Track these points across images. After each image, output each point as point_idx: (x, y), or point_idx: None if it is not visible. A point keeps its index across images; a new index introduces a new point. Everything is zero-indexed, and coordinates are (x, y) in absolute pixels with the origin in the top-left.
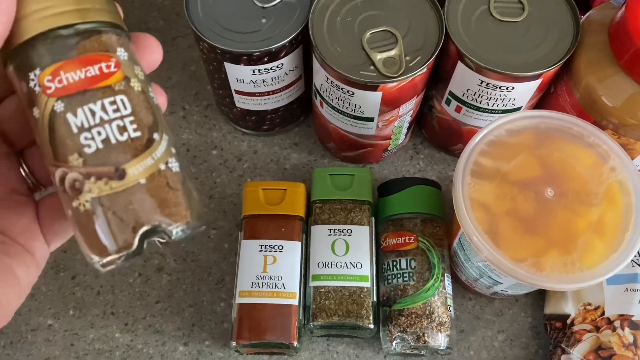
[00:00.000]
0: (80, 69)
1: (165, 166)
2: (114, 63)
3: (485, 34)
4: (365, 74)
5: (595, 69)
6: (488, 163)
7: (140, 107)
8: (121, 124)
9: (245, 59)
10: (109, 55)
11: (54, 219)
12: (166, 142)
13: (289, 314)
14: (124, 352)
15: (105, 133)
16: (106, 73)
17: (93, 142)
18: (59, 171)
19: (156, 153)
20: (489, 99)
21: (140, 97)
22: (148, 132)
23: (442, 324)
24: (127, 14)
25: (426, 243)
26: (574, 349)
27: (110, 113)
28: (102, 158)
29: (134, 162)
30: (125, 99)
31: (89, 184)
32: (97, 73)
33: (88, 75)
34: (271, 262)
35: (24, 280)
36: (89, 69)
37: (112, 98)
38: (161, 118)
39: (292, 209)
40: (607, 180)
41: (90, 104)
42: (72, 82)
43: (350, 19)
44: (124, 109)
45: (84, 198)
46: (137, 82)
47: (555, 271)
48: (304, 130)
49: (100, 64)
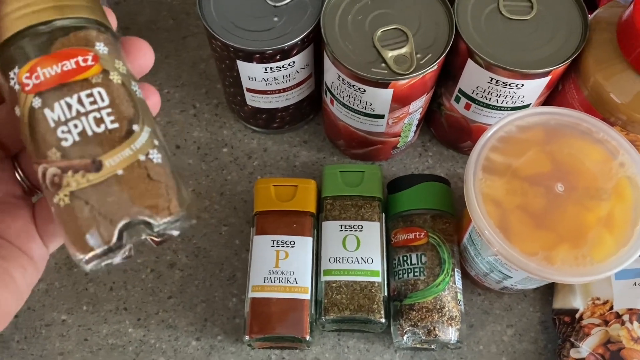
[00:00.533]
0: (57, 63)
1: (146, 157)
2: (92, 57)
3: (495, 32)
4: (376, 71)
5: (604, 66)
6: (499, 159)
7: (119, 99)
8: (98, 115)
9: (258, 57)
10: (87, 50)
11: (49, 220)
12: (147, 133)
13: (301, 308)
14: (137, 347)
15: (82, 125)
16: (83, 67)
17: (70, 135)
18: (41, 167)
19: (135, 144)
20: (498, 96)
21: (119, 89)
22: (127, 124)
23: (453, 318)
24: (137, 13)
25: (436, 239)
26: (583, 342)
27: (87, 105)
28: (79, 151)
29: (111, 153)
30: (102, 91)
31: (67, 178)
32: (74, 67)
33: (64, 70)
34: (283, 257)
35: (22, 283)
36: (65, 63)
37: (88, 91)
38: (144, 110)
39: (304, 205)
40: (616, 175)
41: (67, 98)
42: (48, 77)
43: (361, 17)
44: (101, 101)
45: (63, 192)
46: (117, 75)
47: (566, 265)
48: (313, 128)
49: (77, 58)
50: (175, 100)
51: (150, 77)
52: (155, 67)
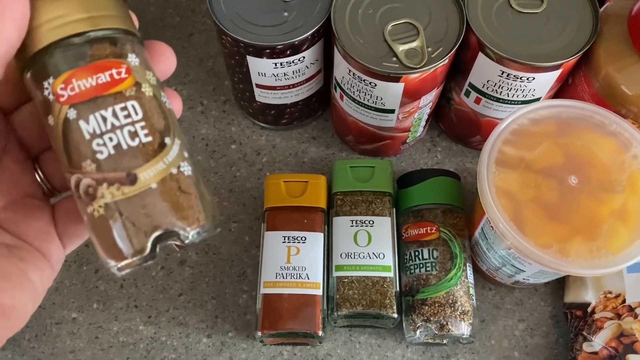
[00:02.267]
0: (92, 76)
1: (177, 170)
2: (125, 69)
3: (506, 25)
4: (387, 65)
5: (615, 59)
6: (512, 152)
7: (151, 112)
8: (132, 129)
9: (268, 52)
10: (120, 62)
11: (70, 222)
12: (178, 146)
13: (313, 304)
14: (148, 345)
15: (117, 139)
16: (117, 79)
17: (105, 148)
18: (74, 177)
19: (168, 157)
20: (509, 90)
21: (151, 102)
22: (159, 137)
23: (465, 312)
24: (143, 11)
25: (448, 233)
26: (595, 336)
27: (122, 119)
28: (114, 163)
29: (146, 167)
30: (136, 105)
31: (102, 190)
32: (108, 80)
33: (99, 82)
34: (294, 253)
35: (39, 285)
36: (100, 76)
37: (123, 104)
38: (174, 122)
39: (314, 200)
40: (629, 167)
41: (102, 111)
42: (83, 89)
43: (371, 11)
44: (135, 114)
45: (97, 203)
46: (149, 87)
47: (581, 257)
48: (321, 124)
49: (111, 71)
50: (183, 97)
51: None
52: None
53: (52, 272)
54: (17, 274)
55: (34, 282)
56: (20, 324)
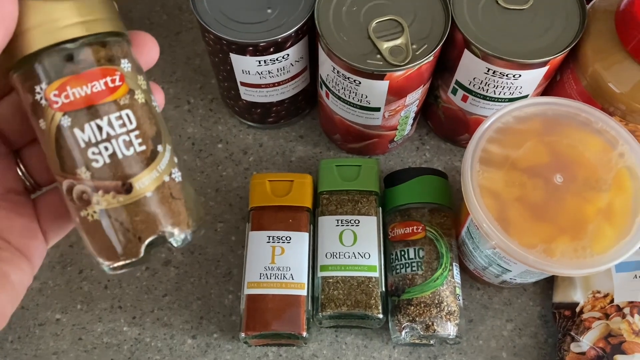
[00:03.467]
0: (87, 84)
1: (169, 177)
2: (119, 76)
3: (492, 22)
4: (371, 62)
5: (603, 56)
6: (496, 150)
7: (144, 119)
8: (127, 138)
9: (251, 50)
10: (114, 69)
11: (53, 216)
12: (169, 152)
13: (297, 305)
14: (132, 346)
15: (112, 148)
16: (112, 87)
17: (100, 157)
18: (67, 182)
19: (160, 165)
20: (495, 87)
21: (143, 109)
22: (152, 145)
23: (451, 313)
24: (131, 9)
25: (434, 232)
26: (583, 336)
27: (117, 128)
28: (110, 172)
29: (141, 176)
30: (130, 114)
31: (96, 197)
32: (103, 88)
33: (94, 91)
34: (279, 253)
35: (19, 286)
36: (95, 84)
37: (118, 113)
38: (163, 127)
39: (300, 200)
40: (615, 166)
41: (97, 120)
42: (78, 97)
43: (356, 8)
44: (129, 123)
45: (92, 209)
46: (141, 93)
47: (566, 257)
48: (309, 122)
49: (105, 79)
50: (170, 95)
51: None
52: None
53: (32, 270)
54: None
55: (14, 283)
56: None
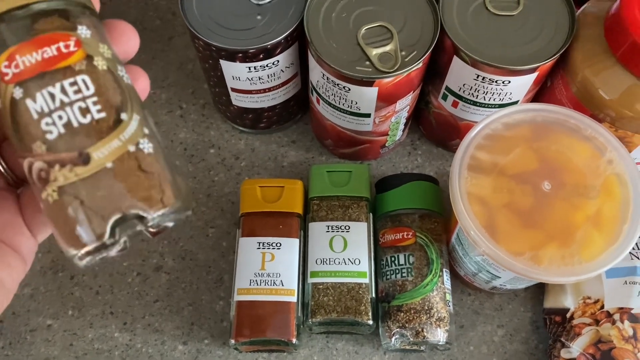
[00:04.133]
0: (37, 50)
1: (136, 147)
2: (74, 42)
3: (481, 28)
4: (360, 69)
5: (592, 62)
6: (485, 157)
7: (105, 87)
8: (83, 105)
9: (241, 56)
10: (68, 34)
11: (37, 209)
12: (137, 122)
13: (287, 311)
14: (123, 352)
15: (67, 116)
16: (65, 53)
17: (54, 127)
18: (26, 161)
19: (124, 134)
20: (485, 94)
21: (105, 76)
22: (115, 113)
23: (441, 319)
24: (123, 13)
25: (424, 238)
26: (573, 342)
27: (71, 95)
28: (66, 143)
29: (99, 144)
30: (87, 79)
31: (54, 173)
32: (55, 53)
33: (45, 57)
34: (269, 259)
35: (9, 281)
36: (46, 50)
37: (72, 79)
38: (132, 98)
39: (290, 206)
40: (604, 172)
41: (49, 87)
42: (28, 65)
43: (345, 14)
44: (86, 89)
45: (51, 188)
46: (102, 60)
47: (554, 264)
48: (301, 127)
49: (58, 44)
50: (162, 101)
51: None
52: (142, 67)
53: (24, 265)
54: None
55: (4, 280)
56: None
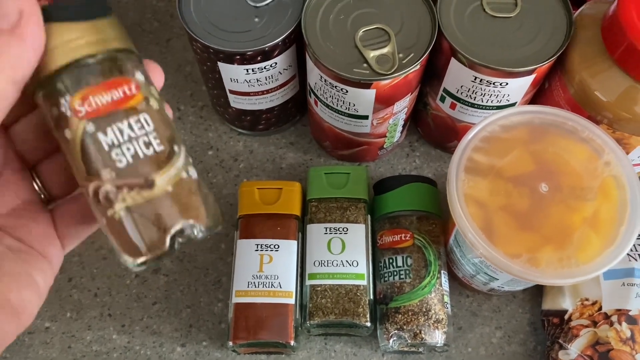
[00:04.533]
0: (107, 92)
1: (187, 174)
2: (135, 86)
3: (478, 30)
4: (358, 71)
5: (589, 64)
6: (482, 159)
7: (159, 123)
8: (147, 139)
9: (239, 59)
10: (129, 79)
11: (69, 224)
12: (184, 152)
13: (285, 313)
14: (121, 354)
15: (134, 148)
16: (129, 95)
17: (124, 157)
18: (92, 185)
19: (178, 163)
20: (483, 95)
21: (158, 114)
22: (169, 145)
23: (439, 321)
24: (122, 16)
25: (422, 240)
26: (571, 344)
27: (137, 130)
28: (133, 171)
29: (161, 172)
30: (147, 117)
31: (122, 195)
32: (122, 96)
33: (114, 98)
34: (267, 261)
35: (42, 285)
36: (114, 92)
37: (136, 117)
38: (177, 131)
39: (288, 208)
40: (601, 174)
41: (118, 124)
42: (100, 105)
43: (343, 16)
44: (147, 126)
45: (118, 207)
46: (154, 100)
47: (551, 267)
48: (299, 129)
49: (123, 88)
50: None
51: None
52: None
53: (53, 272)
54: (24, 275)
55: (38, 282)
56: (28, 322)
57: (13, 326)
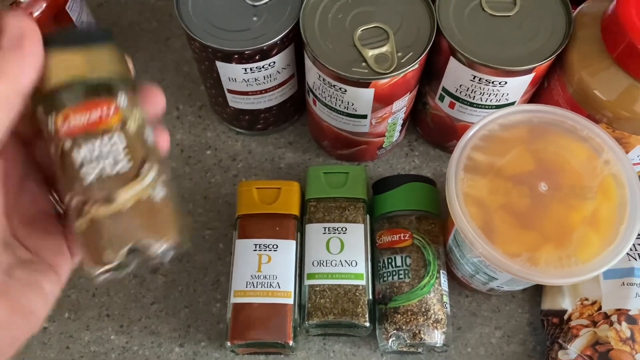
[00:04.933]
0: (85, 113)
1: (152, 193)
2: (113, 108)
3: (477, 29)
4: (356, 70)
5: (588, 63)
6: (481, 158)
7: (133, 144)
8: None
9: (237, 58)
10: (110, 101)
11: None
12: (154, 172)
13: (284, 313)
14: (119, 354)
15: (102, 165)
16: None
17: (92, 173)
18: (68, 196)
19: (144, 182)
20: (482, 94)
21: (134, 136)
22: (138, 165)
23: (438, 321)
24: (120, 15)
25: (421, 240)
26: (571, 344)
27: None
28: (99, 186)
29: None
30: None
31: (87, 208)
32: (98, 117)
33: (91, 119)
34: (266, 261)
35: (50, 295)
36: (93, 114)
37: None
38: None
39: (287, 207)
40: (601, 173)
41: (91, 142)
42: (78, 124)
43: (341, 15)
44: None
45: (83, 219)
46: (134, 123)
47: (550, 266)
48: (298, 129)
49: (102, 109)
50: None
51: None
52: (139, 68)
53: (61, 284)
54: (35, 283)
55: (47, 291)
56: (36, 327)
57: (23, 331)
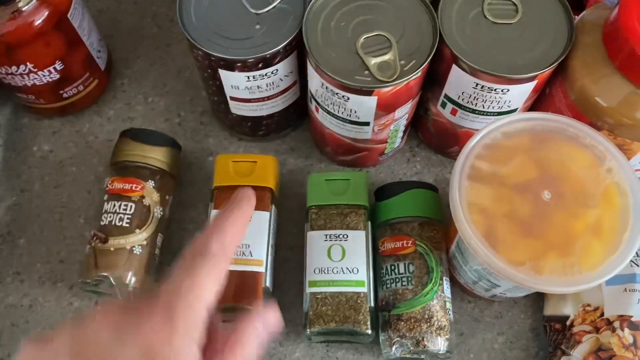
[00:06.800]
0: (123, 183)
1: (131, 247)
2: (141, 186)
3: (480, 37)
4: (359, 78)
5: (590, 70)
6: (484, 166)
7: (140, 212)
8: (123, 216)
9: (240, 66)
10: (141, 182)
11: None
12: (143, 235)
13: (255, 281)
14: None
15: (114, 218)
16: (131, 189)
17: (106, 220)
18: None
19: (132, 239)
20: (484, 102)
21: (144, 207)
22: (135, 227)
23: (442, 328)
24: (121, 20)
25: (424, 247)
26: (574, 350)
27: (121, 210)
28: (104, 230)
29: (116, 238)
30: (133, 206)
31: (92, 241)
32: (128, 187)
33: (124, 188)
34: None
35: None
36: (126, 185)
37: (127, 203)
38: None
39: (262, 180)
40: (604, 181)
41: (115, 201)
42: (115, 188)
43: (344, 23)
44: (130, 210)
45: (89, 246)
46: (150, 201)
47: (554, 274)
48: (300, 135)
49: (133, 184)
50: (160, 108)
51: (135, 85)
52: (140, 75)
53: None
54: None
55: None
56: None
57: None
